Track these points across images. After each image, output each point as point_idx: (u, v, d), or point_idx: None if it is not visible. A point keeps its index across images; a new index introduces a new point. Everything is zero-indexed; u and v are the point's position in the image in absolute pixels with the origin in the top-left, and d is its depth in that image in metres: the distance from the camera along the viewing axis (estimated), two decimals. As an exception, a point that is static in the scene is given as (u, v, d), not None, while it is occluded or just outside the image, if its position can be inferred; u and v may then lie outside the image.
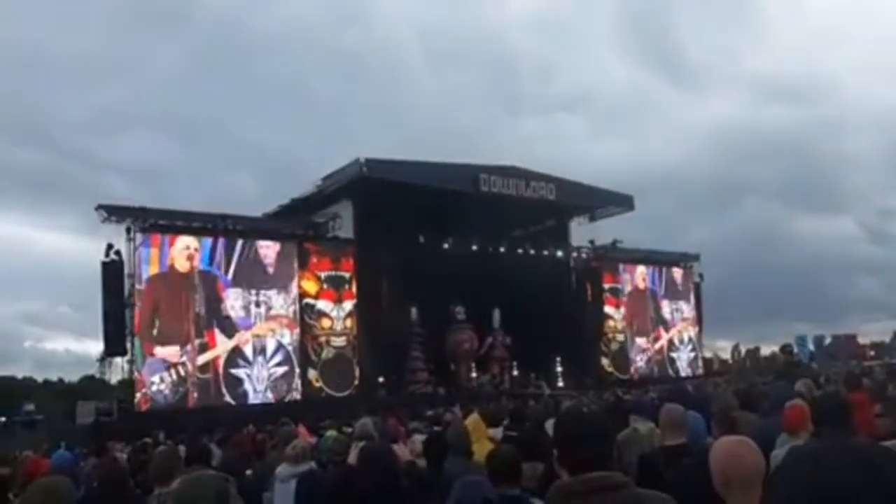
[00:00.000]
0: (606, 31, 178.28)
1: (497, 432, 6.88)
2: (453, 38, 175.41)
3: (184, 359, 25.67)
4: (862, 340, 60.25)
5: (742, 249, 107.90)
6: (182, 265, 26.37)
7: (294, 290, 28.65)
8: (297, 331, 28.34)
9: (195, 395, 25.66)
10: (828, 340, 57.37)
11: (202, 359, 26.10)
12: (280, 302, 28.23)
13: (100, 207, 24.75)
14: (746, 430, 3.43)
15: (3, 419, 42.36)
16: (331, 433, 6.78)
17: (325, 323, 28.89)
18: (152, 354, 25.19)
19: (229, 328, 26.98)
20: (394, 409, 17.00)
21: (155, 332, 25.43)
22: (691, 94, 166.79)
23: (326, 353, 28.69)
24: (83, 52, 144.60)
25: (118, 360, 25.58)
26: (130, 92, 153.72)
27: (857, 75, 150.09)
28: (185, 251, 26.47)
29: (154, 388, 24.95)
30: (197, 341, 26.05)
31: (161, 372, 25.19)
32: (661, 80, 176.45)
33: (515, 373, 34.41)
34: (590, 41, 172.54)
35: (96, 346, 28.75)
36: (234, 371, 26.68)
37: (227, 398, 26.12)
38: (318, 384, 28.24)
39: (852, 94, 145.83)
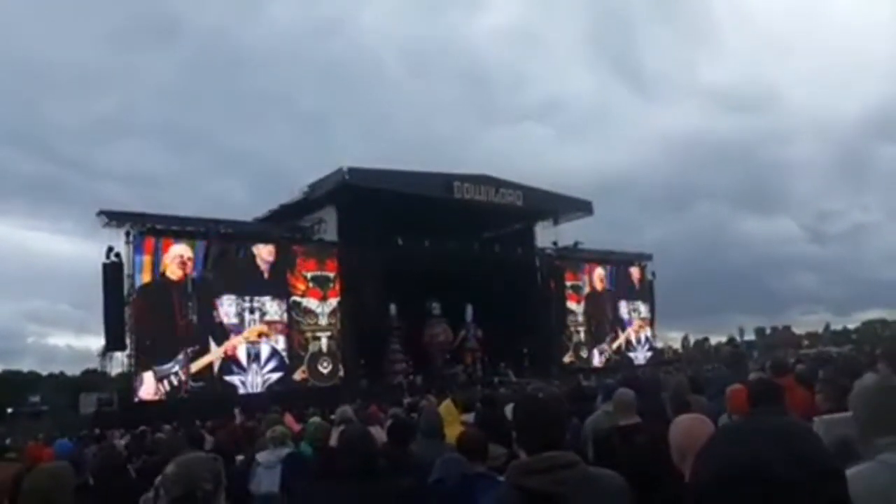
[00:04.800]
0: (573, 44, 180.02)
1: (470, 417, 6.87)
2: (429, 52, 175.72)
3: (175, 368, 24.63)
4: (798, 331, 61.45)
5: (692, 248, 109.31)
6: (174, 272, 25.28)
7: (288, 296, 27.89)
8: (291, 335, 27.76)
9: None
10: (768, 332, 58.39)
11: (195, 367, 25.06)
12: (274, 308, 27.60)
13: (101, 213, 24.38)
14: (696, 410, 3.46)
15: (11, 410, 41.65)
16: (314, 420, 6.75)
17: (312, 319, 28.68)
18: (144, 368, 24.07)
19: (222, 335, 26.04)
20: (375, 397, 16.98)
21: (146, 343, 24.27)
22: (650, 104, 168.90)
23: (313, 347, 28.51)
24: (81, 63, 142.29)
25: (118, 354, 25.06)
26: (126, 102, 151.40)
27: (800, 88, 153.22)
28: (177, 258, 25.36)
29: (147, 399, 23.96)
30: (189, 350, 25.00)
31: (154, 384, 24.25)
32: (623, 91, 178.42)
33: (486, 362, 34.51)
34: (557, 54, 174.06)
35: (96, 342, 28.25)
36: (228, 378, 25.81)
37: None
38: (304, 375, 28.03)
39: (796, 105, 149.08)
